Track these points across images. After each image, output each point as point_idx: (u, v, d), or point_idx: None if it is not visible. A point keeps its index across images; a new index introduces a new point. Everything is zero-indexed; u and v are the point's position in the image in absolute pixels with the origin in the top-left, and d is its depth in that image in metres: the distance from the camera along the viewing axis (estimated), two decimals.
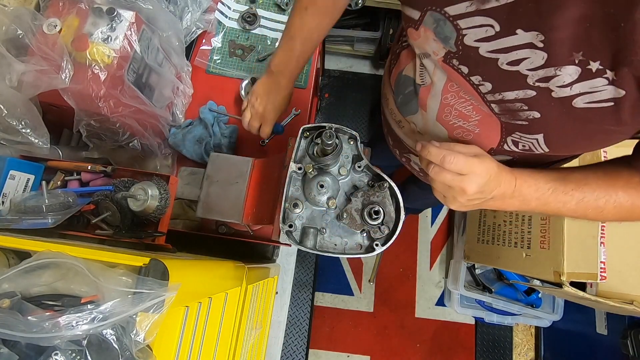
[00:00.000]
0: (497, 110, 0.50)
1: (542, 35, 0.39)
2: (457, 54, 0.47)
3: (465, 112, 0.55)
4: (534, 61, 0.41)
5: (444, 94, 0.55)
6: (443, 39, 0.47)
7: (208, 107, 0.95)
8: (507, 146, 0.54)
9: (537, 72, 0.42)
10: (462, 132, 0.58)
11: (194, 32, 0.98)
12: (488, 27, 0.42)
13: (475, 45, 0.44)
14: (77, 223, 0.67)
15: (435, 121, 0.59)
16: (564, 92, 0.41)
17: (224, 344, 0.61)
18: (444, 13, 0.45)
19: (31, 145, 0.66)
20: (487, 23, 0.42)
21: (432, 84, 0.56)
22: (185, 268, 0.46)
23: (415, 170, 0.82)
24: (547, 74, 0.41)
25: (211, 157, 0.77)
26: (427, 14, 0.47)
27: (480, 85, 0.48)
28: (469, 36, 0.44)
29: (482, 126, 0.54)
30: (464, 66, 0.48)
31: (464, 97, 0.53)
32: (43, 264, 0.36)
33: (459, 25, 0.44)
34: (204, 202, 0.74)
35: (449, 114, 0.57)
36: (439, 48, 0.49)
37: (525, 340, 1.71)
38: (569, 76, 0.40)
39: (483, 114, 0.53)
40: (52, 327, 0.31)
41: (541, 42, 0.39)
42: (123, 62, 0.71)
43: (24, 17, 0.66)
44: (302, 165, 0.55)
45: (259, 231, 0.87)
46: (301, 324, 1.66)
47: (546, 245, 1.15)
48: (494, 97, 0.48)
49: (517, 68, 0.43)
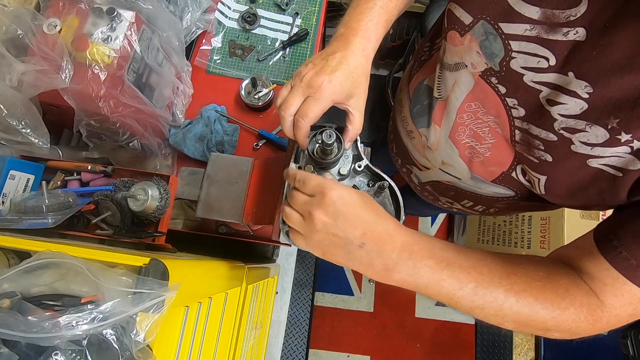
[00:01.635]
0: (517, 138, 0.47)
1: (591, 88, 0.37)
2: (499, 73, 0.44)
3: (481, 134, 0.52)
4: (569, 109, 0.39)
5: (460, 113, 0.53)
6: (488, 55, 0.44)
7: (211, 108, 0.95)
8: (515, 174, 0.52)
9: (567, 120, 0.39)
10: (473, 153, 0.55)
11: (194, 32, 0.98)
12: (542, 59, 0.40)
13: (520, 71, 0.42)
14: (77, 223, 0.67)
15: (448, 138, 0.57)
16: (584, 149, 0.39)
17: (224, 344, 0.61)
18: (497, 28, 0.41)
19: (31, 145, 0.66)
20: (543, 55, 0.39)
21: (449, 100, 0.53)
22: (185, 268, 0.46)
23: (413, 183, 0.79)
24: (577, 126, 0.39)
25: (211, 157, 0.77)
26: (479, 23, 0.43)
27: (514, 108, 0.45)
28: (517, 60, 0.41)
29: (495, 150, 0.52)
30: (502, 86, 0.45)
31: (482, 118, 0.50)
32: (43, 264, 0.36)
33: (510, 46, 0.41)
34: (204, 202, 0.74)
35: (463, 133, 0.54)
36: (480, 62, 0.45)
37: (525, 340, 1.71)
38: (595, 137, 0.38)
39: (499, 138, 0.50)
40: (52, 327, 0.31)
41: (587, 94, 0.37)
42: (123, 62, 0.71)
43: (24, 17, 0.66)
44: (302, 165, 0.55)
45: (259, 231, 0.87)
46: (301, 324, 1.66)
47: (546, 245, 1.15)
48: (521, 125, 0.45)
49: (550, 109, 0.41)
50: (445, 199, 0.75)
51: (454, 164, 0.61)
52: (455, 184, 0.66)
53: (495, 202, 0.64)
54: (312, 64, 0.46)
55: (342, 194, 0.40)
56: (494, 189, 0.59)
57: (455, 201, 0.73)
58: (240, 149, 0.96)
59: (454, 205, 0.76)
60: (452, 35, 0.48)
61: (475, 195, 0.65)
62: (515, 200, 0.59)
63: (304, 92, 0.45)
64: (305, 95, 0.45)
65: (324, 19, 1.08)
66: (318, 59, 0.46)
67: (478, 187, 0.61)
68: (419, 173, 0.74)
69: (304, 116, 0.45)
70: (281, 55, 1.02)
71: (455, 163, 0.60)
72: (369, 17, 0.48)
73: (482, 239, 1.47)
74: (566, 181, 0.44)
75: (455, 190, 0.68)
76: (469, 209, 0.73)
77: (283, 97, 0.47)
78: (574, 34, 0.37)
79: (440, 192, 0.73)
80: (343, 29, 0.48)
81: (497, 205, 0.67)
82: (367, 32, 0.48)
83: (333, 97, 0.45)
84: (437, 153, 0.62)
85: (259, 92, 0.94)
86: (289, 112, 0.46)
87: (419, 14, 1.64)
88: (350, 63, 0.46)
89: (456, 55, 0.49)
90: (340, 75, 0.45)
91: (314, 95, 0.45)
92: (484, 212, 0.73)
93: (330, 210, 0.39)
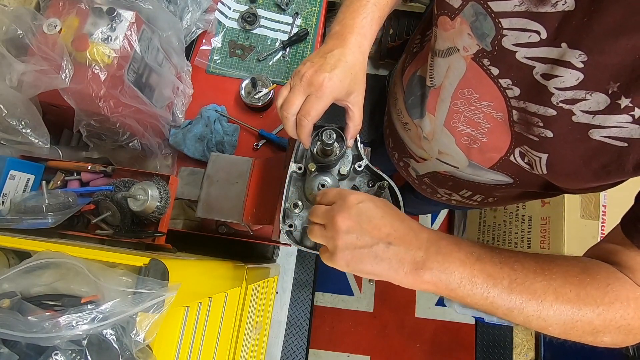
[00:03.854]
0: (515, 118, 0.47)
1: (585, 56, 0.36)
2: (491, 53, 0.44)
3: (475, 120, 0.52)
4: (565, 81, 0.39)
5: (454, 100, 0.53)
6: (479, 35, 0.44)
7: (211, 108, 0.95)
8: (513, 157, 0.52)
9: (565, 92, 0.39)
10: (470, 140, 0.56)
11: (194, 32, 0.98)
12: (533, 33, 0.39)
13: (512, 49, 0.42)
14: (77, 223, 0.67)
15: (443, 127, 0.58)
16: (586, 118, 0.39)
17: (224, 344, 0.61)
18: (486, 7, 0.42)
19: (31, 145, 0.66)
20: (534, 29, 0.39)
21: (442, 87, 0.54)
22: (185, 268, 0.46)
23: (411, 177, 0.80)
24: (576, 96, 0.39)
25: (211, 157, 0.77)
26: (469, 5, 0.44)
27: (508, 89, 0.45)
28: (509, 38, 0.41)
29: (491, 135, 0.52)
30: (495, 67, 0.45)
31: (475, 105, 0.51)
32: (43, 264, 0.36)
33: (501, 24, 0.41)
34: (204, 202, 0.74)
35: (457, 120, 0.55)
36: (472, 44, 0.46)
37: (525, 340, 1.71)
38: (596, 104, 0.38)
39: (495, 123, 0.50)
40: (52, 327, 0.31)
41: (582, 62, 0.37)
42: (123, 62, 0.71)
43: (24, 17, 0.66)
44: (304, 165, 0.55)
45: (259, 231, 0.87)
46: (301, 324, 1.66)
47: (546, 245, 1.15)
48: (518, 104, 0.45)
49: (546, 83, 0.40)
50: (444, 191, 0.75)
51: (451, 153, 0.61)
52: (453, 174, 0.66)
53: (493, 190, 0.64)
54: (310, 63, 0.46)
55: (363, 197, 0.40)
56: (492, 175, 0.59)
57: (454, 192, 0.73)
58: (240, 149, 0.96)
59: (452, 197, 0.76)
60: (442, 21, 0.48)
61: (474, 184, 0.65)
62: (514, 187, 0.59)
63: (305, 90, 0.45)
64: (306, 93, 0.45)
65: (324, 19, 1.08)
66: (316, 57, 0.46)
67: (476, 174, 0.61)
68: (416, 165, 0.74)
69: (307, 115, 0.45)
70: (281, 55, 1.02)
71: (452, 151, 0.60)
72: (363, 14, 0.48)
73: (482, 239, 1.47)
74: (568, 157, 0.43)
75: (454, 180, 0.68)
76: (468, 199, 0.73)
77: (284, 97, 0.46)
78: (563, 4, 0.37)
79: (439, 184, 0.73)
80: (338, 27, 0.48)
81: (495, 194, 0.67)
82: (363, 29, 0.48)
83: (334, 94, 0.45)
84: (433, 143, 0.62)
85: (259, 92, 0.95)
86: (291, 111, 0.46)
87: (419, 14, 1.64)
88: (348, 60, 0.46)
89: (447, 40, 0.50)
90: (340, 72, 0.45)
91: (316, 93, 0.45)
92: (482, 202, 0.73)
93: (354, 213, 0.39)
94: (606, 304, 0.38)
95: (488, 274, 0.38)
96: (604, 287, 0.38)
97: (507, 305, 0.38)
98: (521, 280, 0.38)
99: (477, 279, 0.38)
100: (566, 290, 0.38)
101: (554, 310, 0.38)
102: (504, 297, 0.38)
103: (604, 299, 0.38)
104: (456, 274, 0.38)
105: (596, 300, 0.38)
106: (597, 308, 0.38)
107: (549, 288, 0.38)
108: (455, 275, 0.38)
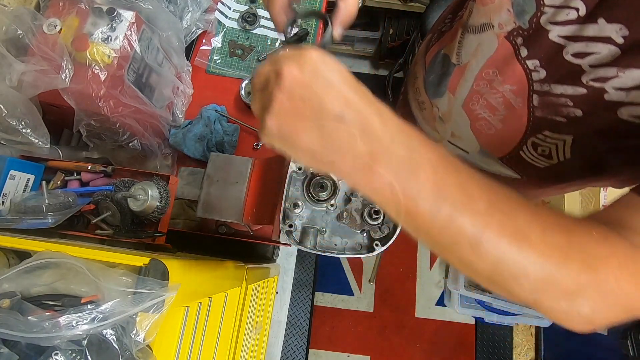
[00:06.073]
0: (536, 102, 0.46)
1: (627, 30, 0.35)
2: (527, 32, 0.43)
3: (494, 104, 0.51)
4: (601, 58, 0.37)
5: (477, 80, 0.52)
6: (518, 12, 0.43)
7: (211, 108, 0.95)
8: (524, 150, 0.52)
9: (598, 70, 0.38)
10: (485, 125, 0.55)
11: (194, 32, 0.98)
12: (571, 10, 0.39)
13: (547, 28, 0.41)
14: (77, 223, 0.67)
15: (461, 108, 0.57)
16: (619, 95, 0.37)
17: (224, 344, 0.61)
18: None
19: (31, 145, 0.66)
20: (573, 5, 0.38)
21: (468, 66, 0.53)
22: (185, 268, 0.46)
23: None
24: (608, 73, 0.37)
25: (211, 157, 0.77)
26: None
27: (534, 71, 0.44)
28: (547, 16, 0.41)
29: (506, 123, 0.52)
30: (525, 48, 0.44)
31: (496, 88, 0.50)
32: (43, 264, 0.36)
33: (543, 1, 0.41)
34: (204, 202, 0.74)
35: (477, 102, 0.54)
36: (509, 21, 0.45)
37: (525, 340, 1.71)
38: (631, 80, 0.36)
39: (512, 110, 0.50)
40: (52, 327, 0.31)
41: (622, 37, 0.35)
42: (123, 62, 0.71)
43: (24, 17, 0.66)
44: (303, 165, 0.55)
45: (259, 231, 0.87)
46: (301, 324, 1.66)
47: None
48: (541, 87, 0.45)
49: (580, 62, 0.39)
50: None
51: (463, 136, 0.61)
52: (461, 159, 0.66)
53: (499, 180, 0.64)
54: None
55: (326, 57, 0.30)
56: (500, 168, 0.59)
57: None
58: (240, 149, 0.96)
59: None
60: None
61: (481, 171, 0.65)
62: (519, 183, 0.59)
63: None
64: None
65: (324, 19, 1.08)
66: None
67: (485, 163, 0.61)
68: None
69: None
70: None
71: (465, 135, 0.60)
72: None
73: None
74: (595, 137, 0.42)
75: None
76: None
77: None
78: None
79: None
80: None
81: None
82: None
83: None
84: (448, 124, 0.62)
85: None
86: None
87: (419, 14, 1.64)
88: None
89: (484, 15, 0.49)
90: None
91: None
92: None
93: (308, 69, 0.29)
94: (601, 258, 0.30)
95: (463, 189, 0.30)
96: (601, 239, 0.31)
97: (478, 236, 0.29)
98: (503, 207, 0.30)
99: (447, 192, 0.29)
100: (554, 232, 0.30)
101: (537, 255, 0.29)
102: (477, 225, 0.29)
103: (599, 250, 0.31)
104: (421, 177, 0.29)
105: (588, 250, 0.31)
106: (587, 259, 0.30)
107: (534, 224, 0.30)
108: (420, 178, 0.29)
